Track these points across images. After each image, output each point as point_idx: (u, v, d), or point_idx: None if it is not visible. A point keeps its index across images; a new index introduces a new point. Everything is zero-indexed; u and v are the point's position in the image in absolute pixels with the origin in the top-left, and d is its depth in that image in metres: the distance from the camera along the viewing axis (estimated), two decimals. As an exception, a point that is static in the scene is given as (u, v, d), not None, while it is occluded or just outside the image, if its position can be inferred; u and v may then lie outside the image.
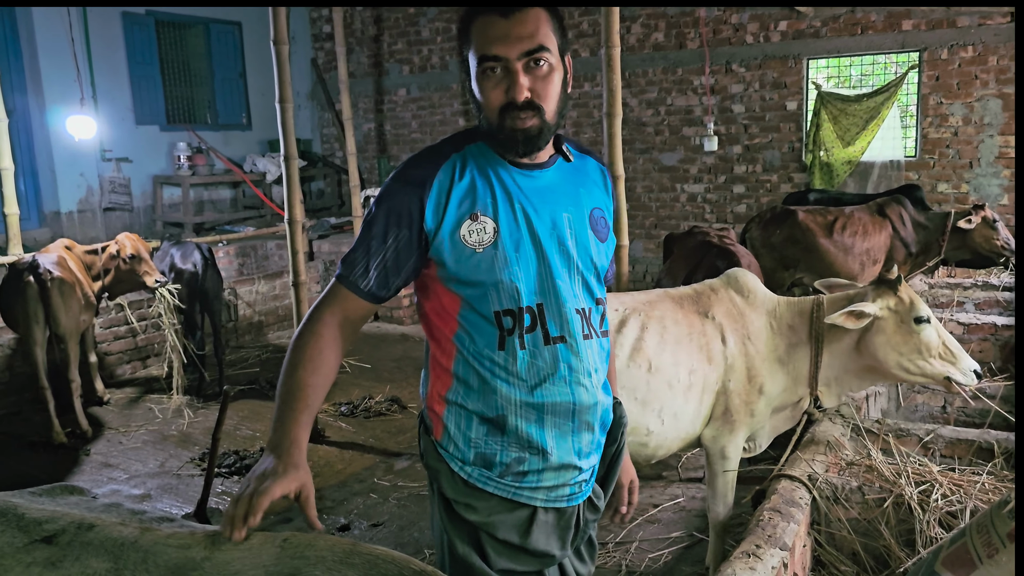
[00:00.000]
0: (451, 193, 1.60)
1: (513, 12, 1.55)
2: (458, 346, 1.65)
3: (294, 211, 4.95)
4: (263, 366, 6.80)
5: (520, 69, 1.55)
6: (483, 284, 1.60)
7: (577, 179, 1.73)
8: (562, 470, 1.69)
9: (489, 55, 1.55)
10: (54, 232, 8.30)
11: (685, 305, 3.04)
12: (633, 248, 9.10)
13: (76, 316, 5.22)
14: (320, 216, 10.26)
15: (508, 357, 1.62)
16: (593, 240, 1.70)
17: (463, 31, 1.62)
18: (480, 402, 1.65)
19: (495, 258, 1.59)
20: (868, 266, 5.76)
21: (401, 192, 1.60)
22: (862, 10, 7.90)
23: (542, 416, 1.65)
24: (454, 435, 1.67)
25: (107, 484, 4.54)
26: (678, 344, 2.94)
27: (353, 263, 1.62)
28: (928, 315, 2.83)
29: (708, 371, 2.94)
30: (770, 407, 3.01)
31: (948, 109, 7.76)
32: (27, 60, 8.17)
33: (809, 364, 2.95)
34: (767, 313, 3.02)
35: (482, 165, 1.64)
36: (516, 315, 1.62)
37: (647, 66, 9.02)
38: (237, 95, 10.54)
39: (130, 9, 9.01)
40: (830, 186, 8.06)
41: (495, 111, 1.58)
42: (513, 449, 1.65)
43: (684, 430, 2.99)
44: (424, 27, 10.36)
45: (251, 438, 5.21)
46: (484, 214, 1.60)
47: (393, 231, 1.59)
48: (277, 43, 4.78)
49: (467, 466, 1.66)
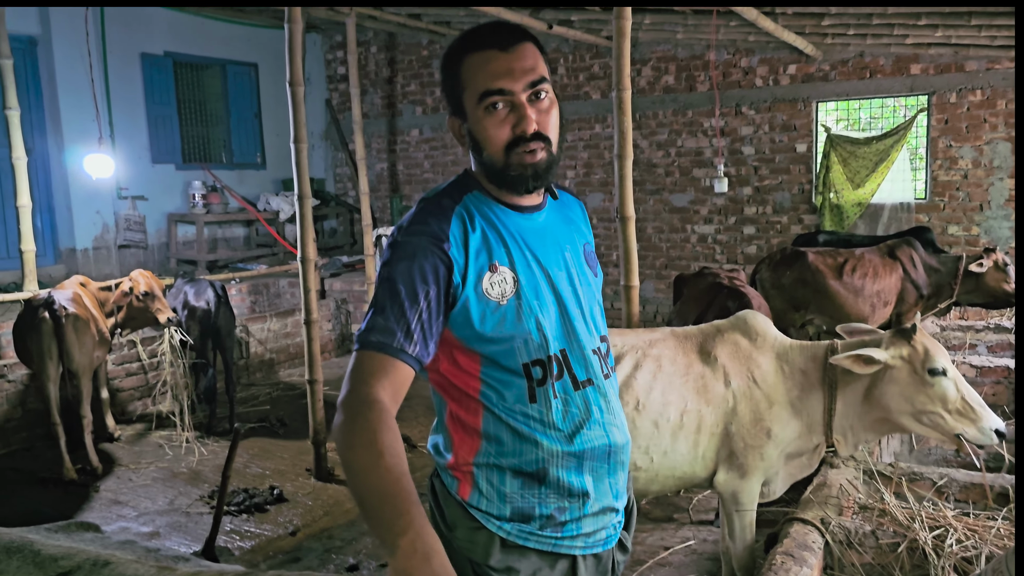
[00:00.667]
0: (468, 246, 1.52)
1: (512, 46, 1.52)
2: (485, 404, 1.56)
3: (307, 250, 4.99)
4: (274, 404, 6.80)
5: (526, 102, 1.51)
6: (511, 338, 1.53)
7: (566, 216, 1.71)
8: (600, 514, 1.64)
9: (493, 89, 1.49)
10: (69, 268, 8.39)
11: (688, 345, 3.03)
12: (644, 288, 9.12)
13: (90, 352, 5.26)
14: (332, 254, 10.33)
15: (542, 408, 1.55)
16: (590, 275, 1.69)
17: (451, 73, 1.55)
18: (515, 457, 1.56)
19: (519, 308, 1.53)
20: (879, 308, 5.75)
21: (422, 247, 1.49)
22: (870, 54, 7.98)
23: (582, 463, 1.59)
24: (487, 492, 1.58)
25: (116, 521, 4.53)
26: (670, 384, 2.93)
27: (389, 329, 1.45)
28: (944, 367, 2.71)
29: (705, 412, 2.91)
30: (783, 453, 2.96)
31: (957, 152, 7.80)
32: (47, 99, 8.33)
33: (823, 411, 2.89)
34: (777, 356, 2.97)
35: (485, 213, 1.57)
36: (545, 364, 1.55)
37: (658, 108, 9.12)
38: (252, 135, 10.70)
39: (149, 50, 9.19)
40: (840, 228, 8.08)
41: (500, 149, 1.52)
42: (552, 500, 1.58)
43: (680, 469, 2.96)
44: (437, 69, 10.48)
45: (261, 476, 5.19)
46: (502, 264, 1.53)
47: (422, 288, 1.47)
48: (293, 84, 4.86)
49: (504, 523, 1.57)
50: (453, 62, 1.55)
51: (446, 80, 1.58)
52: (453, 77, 1.56)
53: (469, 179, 1.62)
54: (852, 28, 6.98)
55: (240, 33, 10.16)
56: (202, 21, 9.68)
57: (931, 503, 2.96)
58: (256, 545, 4.28)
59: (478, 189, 1.60)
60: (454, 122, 1.60)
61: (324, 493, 4.91)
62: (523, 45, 1.53)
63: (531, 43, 1.55)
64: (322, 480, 5.09)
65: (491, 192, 1.60)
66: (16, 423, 5.79)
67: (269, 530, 4.45)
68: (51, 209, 8.53)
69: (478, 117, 1.53)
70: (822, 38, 7.65)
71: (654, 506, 4.35)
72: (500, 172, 1.54)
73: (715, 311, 4.54)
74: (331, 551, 4.19)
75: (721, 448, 2.93)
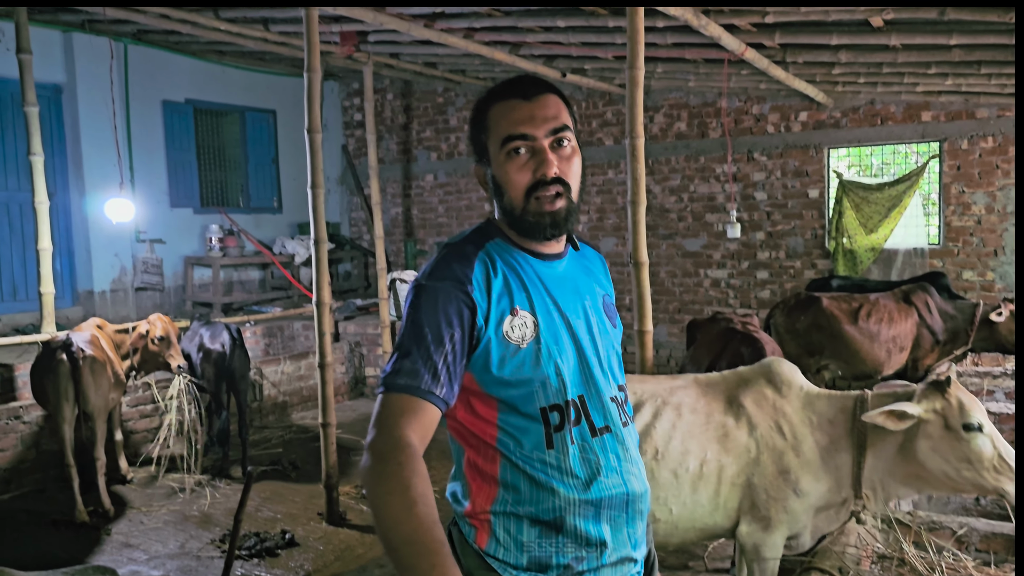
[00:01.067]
0: (490, 290, 1.55)
1: (535, 95, 1.58)
2: (502, 451, 1.57)
3: (323, 293, 5.03)
4: (286, 447, 6.79)
5: (548, 147, 1.56)
6: (529, 382, 1.55)
7: (586, 266, 1.75)
8: (619, 564, 1.62)
9: (516, 134, 1.55)
10: (86, 311, 8.46)
11: (711, 393, 2.97)
12: (657, 333, 9.10)
13: (105, 394, 5.29)
14: (346, 297, 10.39)
15: (559, 455, 1.56)
16: (608, 326, 1.70)
17: (479, 120, 1.63)
18: (532, 506, 1.56)
19: (538, 352, 1.55)
20: (895, 353, 5.72)
21: (447, 291, 1.52)
22: (881, 102, 8.05)
23: (599, 511, 1.58)
24: (504, 541, 1.57)
25: (127, 565, 4.50)
26: (690, 433, 2.87)
27: (416, 371, 1.47)
28: (980, 422, 2.59)
29: (727, 462, 2.84)
30: (809, 507, 2.84)
31: (971, 198, 7.81)
32: (70, 145, 8.50)
33: (851, 464, 2.78)
34: (805, 406, 2.87)
35: (507, 260, 1.60)
36: (563, 409, 1.56)
37: (670, 154, 9.20)
38: (269, 179, 10.85)
39: (170, 97, 9.38)
40: (854, 272, 8.07)
41: (521, 193, 1.56)
42: (570, 549, 1.56)
43: (700, 520, 2.89)
44: (452, 115, 10.67)
45: (272, 520, 5.17)
46: (523, 308, 1.56)
47: (447, 331, 1.50)
48: (311, 131, 4.95)
49: (521, 573, 1.56)
50: (480, 112, 1.63)
51: (473, 129, 1.65)
52: (479, 125, 1.63)
53: (491, 227, 1.66)
54: (863, 76, 7.05)
55: (259, 81, 10.37)
56: (223, 69, 9.90)
57: (951, 553, 2.92)
58: (267, 590, 4.24)
59: (500, 237, 1.64)
60: (479, 170, 1.66)
61: (336, 538, 4.88)
62: (547, 95, 1.60)
63: (555, 94, 1.61)
64: (334, 524, 5.06)
65: (513, 239, 1.64)
66: (30, 464, 5.80)
67: (280, 575, 4.41)
68: (70, 252, 8.65)
69: (500, 161, 1.58)
70: (833, 86, 7.73)
71: (669, 554, 4.29)
72: (519, 217, 1.58)
73: (728, 356, 4.52)
74: (342, 597, 4.15)
75: (744, 499, 2.85)
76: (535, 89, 1.59)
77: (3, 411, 5.74)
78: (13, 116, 7.93)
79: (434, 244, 10.81)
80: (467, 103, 10.50)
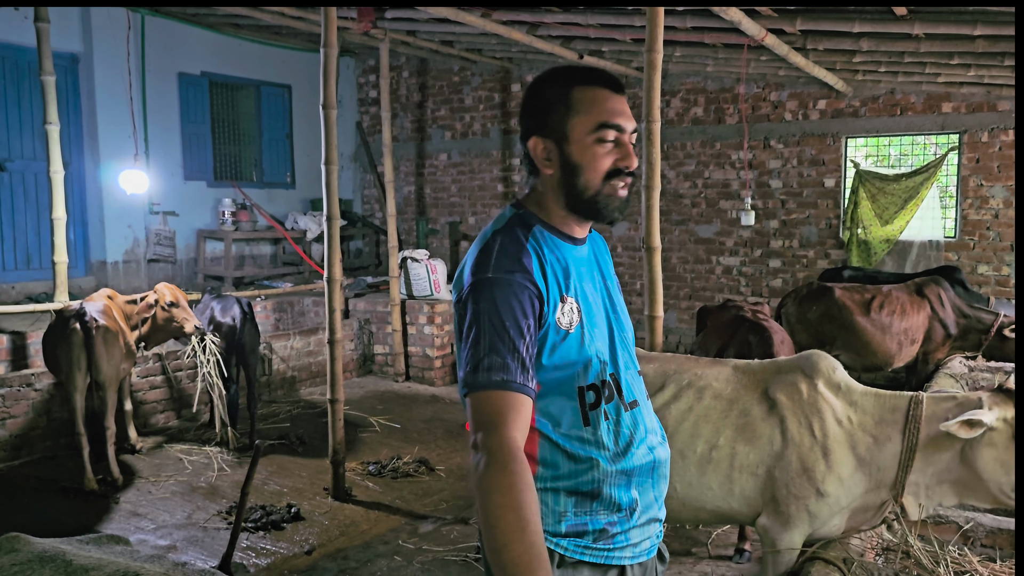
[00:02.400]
0: (546, 278, 1.61)
1: (622, 93, 1.69)
2: (541, 431, 1.65)
3: (334, 270, 5.04)
4: (294, 421, 6.83)
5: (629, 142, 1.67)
6: (574, 364, 1.63)
7: (599, 250, 1.86)
8: (646, 525, 1.74)
9: (612, 124, 1.64)
10: (99, 281, 8.51)
11: (744, 380, 2.93)
12: (667, 318, 9.08)
13: (117, 364, 5.32)
14: (357, 275, 10.40)
15: (595, 430, 1.65)
16: (624, 305, 1.84)
17: (555, 97, 1.66)
18: (570, 480, 1.65)
19: (583, 336, 1.63)
20: (906, 346, 5.70)
21: (517, 282, 1.56)
22: (901, 91, 7.96)
23: (630, 480, 1.69)
24: (543, 512, 1.63)
25: (135, 533, 4.55)
26: (705, 417, 2.87)
27: (507, 366, 1.50)
28: None
29: (744, 451, 2.81)
30: (838, 510, 2.77)
31: (989, 191, 7.74)
32: (86, 115, 8.51)
33: (897, 466, 2.67)
34: (848, 404, 2.76)
35: (551, 247, 1.67)
36: (599, 388, 1.66)
37: (685, 139, 9.14)
38: (283, 155, 10.84)
39: (186, 70, 9.37)
40: (868, 264, 8.02)
41: (600, 176, 1.65)
42: (603, 515, 1.67)
43: (710, 503, 2.88)
44: (467, 95, 10.62)
45: (278, 493, 5.21)
46: (568, 295, 1.64)
47: (524, 322, 1.54)
48: (326, 107, 4.94)
49: (560, 539, 1.65)
50: (559, 87, 1.67)
51: (545, 102, 1.68)
52: (557, 101, 1.67)
53: (528, 214, 1.71)
54: (883, 65, 6.97)
55: (275, 55, 10.34)
56: (239, 43, 9.87)
57: (956, 547, 2.91)
58: (272, 563, 4.28)
59: (538, 223, 1.70)
60: (539, 143, 1.68)
61: (341, 513, 4.92)
62: (624, 95, 1.71)
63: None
64: (339, 500, 5.09)
65: (552, 224, 1.71)
66: (40, 432, 5.86)
67: (285, 548, 4.45)
68: (84, 222, 8.69)
69: (587, 143, 1.65)
70: (853, 74, 7.64)
71: (672, 539, 4.30)
72: (591, 198, 1.66)
73: (736, 344, 4.52)
74: (346, 572, 4.18)
75: (764, 491, 2.80)
76: (620, 87, 1.69)
77: (15, 378, 5.79)
78: (30, 85, 7.94)
79: (446, 223, 10.79)
80: (482, 82, 10.44)
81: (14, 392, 5.73)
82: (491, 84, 10.38)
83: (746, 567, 4.10)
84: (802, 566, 2.77)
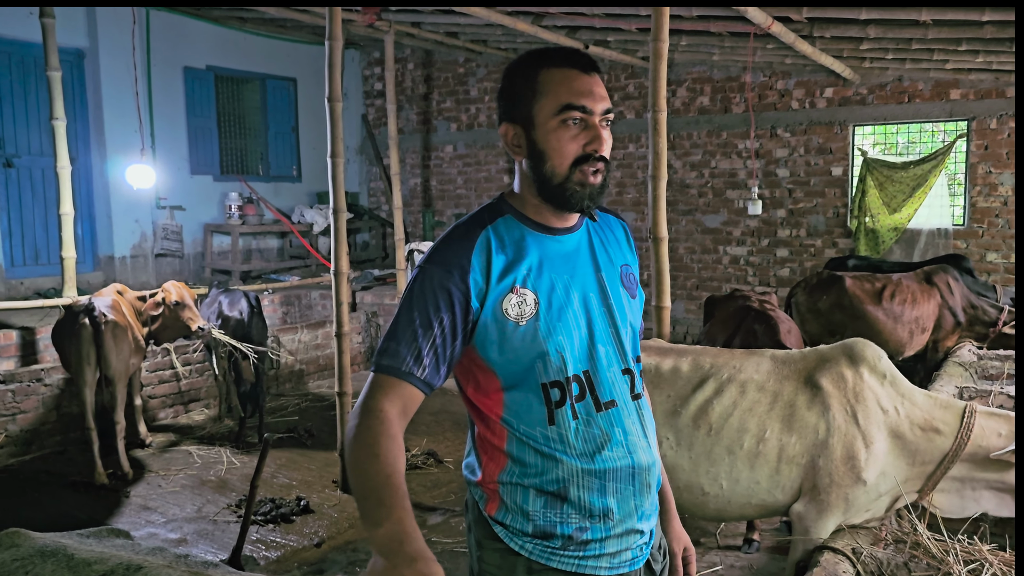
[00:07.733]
0: (491, 270, 1.56)
1: (591, 71, 1.59)
2: (509, 426, 1.61)
3: (340, 263, 5.04)
4: (302, 414, 6.85)
5: (599, 124, 1.57)
6: (528, 358, 1.56)
7: (604, 237, 1.74)
8: (625, 536, 1.65)
9: (576, 105, 1.55)
10: (107, 276, 8.53)
11: (786, 371, 2.91)
12: (675, 309, 9.06)
13: (126, 359, 5.34)
14: (364, 267, 10.41)
15: (560, 431, 1.58)
16: (626, 298, 1.70)
17: (523, 80, 1.59)
18: (537, 478, 1.60)
19: (538, 330, 1.56)
20: (917, 334, 5.67)
21: (440, 275, 1.54)
22: (909, 79, 7.91)
23: (604, 484, 1.61)
24: (511, 508, 1.62)
25: (145, 527, 4.57)
26: (750, 411, 2.85)
27: (399, 353, 1.52)
28: None
29: (789, 441, 2.80)
30: (875, 497, 2.80)
31: (998, 179, 7.68)
32: (92, 111, 8.52)
33: (937, 466, 2.73)
34: (896, 394, 2.78)
35: (515, 237, 1.60)
36: (564, 385, 1.58)
37: (692, 129, 9.10)
38: (289, 148, 10.84)
39: (191, 64, 9.37)
40: (876, 252, 7.98)
41: (568, 162, 1.56)
42: (573, 519, 1.60)
43: (757, 497, 2.87)
44: (473, 86, 10.60)
45: (287, 486, 5.22)
46: (523, 286, 1.56)
47: (436, 316, 1.53)
48: (331, 100, 4.93)
49: (527, 541, 1.61)
50: (527, 70, 1.60)
51: (514, 87, 1.61)
52: (525, 84, 1.59)
53: (503, 203, 1.66)
54: (891, 52, 6.92)
55: (280, 48, 10.33)
56: (244, 36, 9.87)
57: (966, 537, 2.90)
58: (281, 555, 4.30)
59: (511, 213, 1.64)
60: (509, 129, 1.62)
61: (350, 505, 4.93)
62: (598, 74, 1.61)
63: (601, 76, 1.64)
64: (348, 492, 5.11)
65: (526, 213, 1.64)
66: (51, 426, 5.89)
67: (294, 541, 4.47)
68: (91, 217, 8.70)
69: (551, 128, 1.57)
70: (860, 62, 7.59)
71: (681, 530, 4.30)
72: (559, 185, 1.58)
73: (742, 334, 4.51)
74: (355, 563, 4.20)
75: (806, 479, 2.81)
76: (591, 65, 1.60)
77: (25, 373, 5.82)
78: (36, 80, 7.94)
79: (452, 215, 10.79)
80: (488, 74, 10.42)
81: (24, 387, 5.75)
82: (496, 75, 10.35)
83: (755, 557, 4.09)
84: (812, 556, 2.76)
